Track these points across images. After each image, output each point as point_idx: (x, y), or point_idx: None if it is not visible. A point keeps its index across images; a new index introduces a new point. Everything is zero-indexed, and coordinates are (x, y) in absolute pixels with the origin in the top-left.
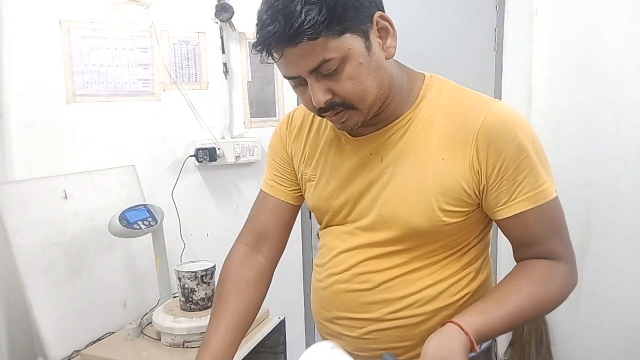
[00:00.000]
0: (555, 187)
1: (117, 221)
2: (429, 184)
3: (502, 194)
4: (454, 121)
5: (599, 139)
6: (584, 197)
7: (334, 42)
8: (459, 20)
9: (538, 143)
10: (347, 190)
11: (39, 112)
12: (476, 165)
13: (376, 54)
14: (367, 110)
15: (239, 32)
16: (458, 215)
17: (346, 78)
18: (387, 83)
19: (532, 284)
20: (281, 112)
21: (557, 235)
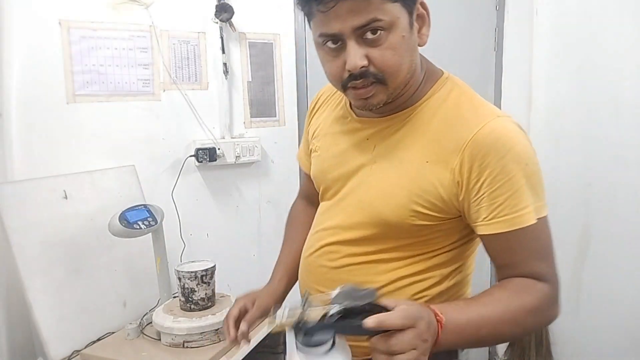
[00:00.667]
0: (542, 211)
1: (117, 221)
2: (408, 182)
3: (482, 210)
4: (449, 127)
5: (599, 139)
6: (584, 197)
7: (389, 5)
8: (459, 20)
9: (533, 165)
10: (341, 168)
11: (39, 112)
12: (457, 176)
13: (414, 36)
14: (393, 89)
15: (239, 32)
16: (430, 218)
17: (388, 47)
18: (414, 69)
19: (511, 295)
20: (281, 112)
21: (539, 258)
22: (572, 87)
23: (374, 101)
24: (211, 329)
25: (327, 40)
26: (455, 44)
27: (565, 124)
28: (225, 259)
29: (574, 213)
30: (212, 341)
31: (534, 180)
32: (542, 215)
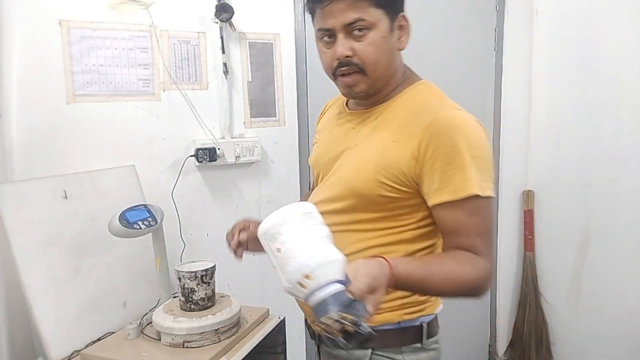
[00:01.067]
0: (487, 191)
1: (117, 221)
2: (376, 158)
3: (434, 182)
4: (415, 115)
5: (599, 139)
6: (584, 197)
7: (373, 10)
8: (459, 20)
9: (481, 150)
10: (331, 153)
11: (39, 112)
12: (416, 153)
13: (394, 39)
14: (373, 80)
15: (239, 32)
16: (394, 191)
17: (369, 43)
18: (394, 68)
19: (454, 262)
20: (281, 112)
21: (479, 234)
22: (572, 87)
23: (357, 89)
24: (211, 329)
25: (324, 35)
26: (455, 44)
27: (565, 124)
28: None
29: (574, 213)
30: (212, 341)
31: (480, 163)
32: (487, 194)
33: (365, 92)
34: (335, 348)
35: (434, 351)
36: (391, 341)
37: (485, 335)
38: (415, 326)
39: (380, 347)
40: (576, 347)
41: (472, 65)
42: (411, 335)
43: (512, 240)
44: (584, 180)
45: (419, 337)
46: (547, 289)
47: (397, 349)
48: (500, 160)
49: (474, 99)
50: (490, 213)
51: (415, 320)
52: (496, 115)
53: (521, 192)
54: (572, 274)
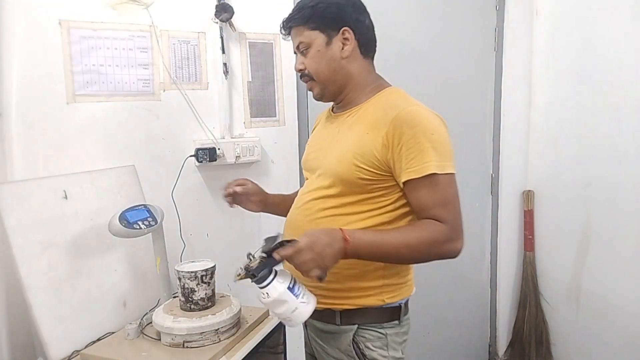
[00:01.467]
0: (447, 169)
1: (117, 221)
2: (353, 147)
3: (402, 164)
4: (383, 111)
5: (599, 138)
6: (584, 197)
7: (308, 32)
8: (459, 20)
9: (438, 136)
10: (319, 150)
11: (39, 112)
12: (385, 141)
13: (333, 50)
14: (323, 85)
15: (239, 32)
16: (369, 173)
17: (310, 57)
18: (342, 74)
19: (410, 227)
20: (281, 112)
21: (440, 204)
22: (572, 87)
23: (314, 92)
24: (211, 329)
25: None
26: (455, 44)
27: (565, 124)
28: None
29: (574, 213)
30: (212, 341)
31: (438, 146)
32: (447, 171)
33: (322, 94)
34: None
35: (407, 326)
36: (375, 318)
37: (485, 335)
38: (396, 307)
39: (367, 323)
40: (576, 347)
41: (472, 65)
42: (391, 315)
43: (512, 240)
44: (584, 180)
45: (398, 316)
46: (547, 289)
47: (380, 325)
48: (500, 160)
49: (474, 99)
50: (452, 187)
51: (395, 302)
52: (496, 115)
53: (521, 192)
54: (572, 274)
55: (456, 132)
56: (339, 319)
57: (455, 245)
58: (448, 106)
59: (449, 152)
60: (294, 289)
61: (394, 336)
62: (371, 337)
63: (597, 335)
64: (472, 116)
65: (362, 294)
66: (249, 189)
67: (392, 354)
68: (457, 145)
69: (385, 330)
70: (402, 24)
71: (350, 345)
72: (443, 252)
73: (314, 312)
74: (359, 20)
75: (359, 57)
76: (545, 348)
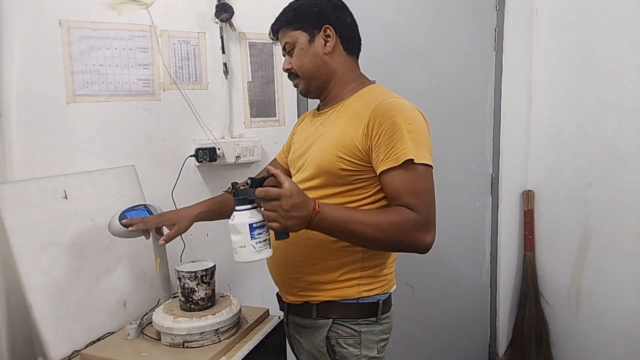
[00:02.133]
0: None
1: (117, 221)
2: (335, 138)
3: (380, 154)
4: (364, 105)
5: (599, 139)
6: (584, 197)
7: (291, 32)
8: (459, 20)
9: (415, 126)
10: (305, 145)
11: (39, 112)
12: (365, 131)
13: (316, 47)
14: (307, 81)
15: (239, 32)
16: (351, 164)
17: (295, 56)
18: (326, 70)
19: (382, 210)
20: (281, 112)
21: (413, 194)
22: (572, 86)
23: (300, 88)
24: (211, 329)
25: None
26: (455, 44)
27: (565, 124)
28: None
29: (574, 213)
30: (212, 341)
31: (415, 136)
32: (423, 161)
33: (307, 90)
34: (302, 318)
35: (387, 324)
36: (351, 313)
37: (485, 335)
38: (372, 303)
39: (341, 317)
40: (576, 347)
41: (472, 65)
42: (368, 311)
43: (512, 240)
44: (584, 180)
45: (375, 312)
46: (547, 289)
47: (354, 321)
48: (500, 160)
49: (474, 99)
50: (426, 177)
51: (372, 297)
52: (496, 115)
53: (521, 192)
54: (572, 274)
55: (456, 132)
56: (315, 312)
57: (425, 237)
58: (448, 106)
59: (426, 143)
60: (255, 230)
61: (369, 334)
62: (344, 334)
63: (597, 335)
64: (472, 116)
65: (339, 286)
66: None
67: (365, 352)
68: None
69: (359, 328)
70: (402, 23)
71: (323, 340)
72: (410, 241)
73: (293, 308)
74: (339, 18)
75: (342, 54)
76: (545, 348)
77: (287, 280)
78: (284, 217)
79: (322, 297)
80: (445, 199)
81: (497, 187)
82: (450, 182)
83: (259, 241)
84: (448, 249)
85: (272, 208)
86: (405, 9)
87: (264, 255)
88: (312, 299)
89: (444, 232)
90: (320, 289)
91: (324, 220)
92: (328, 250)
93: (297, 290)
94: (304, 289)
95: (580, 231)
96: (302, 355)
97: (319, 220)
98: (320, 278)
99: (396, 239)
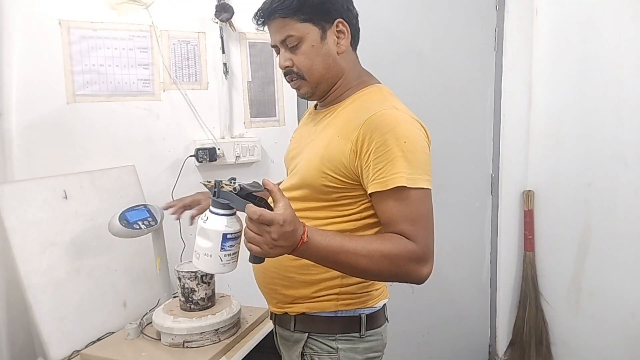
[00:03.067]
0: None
1: (117, 221)
2: (322, 151)
3: (369, 174)
4: (357, 112)
5: (599, 139)
6: (584, 197)
7: (297, 25)
8: (459, 20)
9: (411, 145)
10: (297, 148)
11: (39, 112)
12: (354, 147)
13: (328, 45)
14: (315, 84)
15: (239, 32)
16: (336, 181)
17: (301, 53)
18: (336, 71)
19: (376, 237)
20: (281, 112)
21: (409, 220)
22: (572, 87)
23: (302, 91)
24: (211, 329)
25: (273, 47)
26: (455, 44)
27: (565, 124)
28: None
29: (574, 213)
30: (212, 341)
31: (410, 156)
32: (418, 186)
33: (311, 94)
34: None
35: (374, 342)
36: (326, 328)
37: (485, 335)
38: (353, 317)
39: (316, 332)
40: (576, 347)
41: (472, 65)
42: (348, 325)
43: (512, 240)
44: (584, 180)
45: (357, 328)
46: (547, 289)
47: (331, 336)
48: (500, 160)
49: (474, 99)
50: (424, 202)
51: (352, 311)
52: (496, 115)
53: (521, 192)
54: (572, 274)
55: (456, 132)
56: (293, 325)
57: (422, 269)
58: (448, 106)
59: (423, 163)
60: (228, 242)
61: (349, 352)
62: (319, 350)
63: (597, 335)
64: (472, 116)
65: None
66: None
67: None
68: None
69: (337, 344)
70: (402, 23)
71: (298, 356)
72: (406, 273)
73: (277, 318)
74: (349, 10)
75: (351, 52)
76: (545, 348)
77: (266, 290)
78: (268, 244)
79: (299, 309)
80: (445, 199)
81: (497, 187)
82: (450, 182)
83: (228, 254)
84: (448, 249)
85: (259, 232)
86: (406, 9)
87: (228, 269)
88: (290, 311)
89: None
90: (296, 302)
91: (311, 249)
92: (305, 265)
93: (276, 301)
94: (281, 301)
95: (580, 231)
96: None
97: (305, 250)
98: (295, 293)
99: (390, 272)
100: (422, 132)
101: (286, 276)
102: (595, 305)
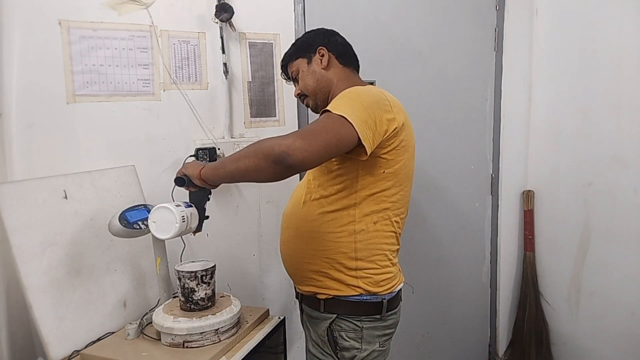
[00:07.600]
0: (340, 110)
1: (117, 221)
2: None
3: None
4: None
5: (599, 139)
6: (584, 197)
7: (294, 62)
8: (459, 20)
9: (348, 93)
10: None
11: (39, 112)
12: None
13: (314, 66)
14: (314, 96)
15: (239, 32)
16: None
17: (301, 79)
18: (325, 82)
19: None
20: (281, 112)
21: (309, 126)
22: (572, 87)
23: (310, 106)
24: (211, 329)
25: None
26: (455, 44)
27: (565, 124)
28: (225, 259)
29: (574, 213)
30: (212, 341)
31: (347, 98)
32: (338, 112)
33: (315, 104)
34: (312, 310)
35: (392, 320)
36: (354, 311)
37: (485, 335)
38: (376, 302)
39: (344, 313)
40: (576, 347)
41: (472, 65)
42: (372, 309)
43: (512, 240)
44: (584, 180)
45: (379, 311)
46: (547, 289)
47: (357, 317)
48: (500, 160)
49: (474, 99)
50: (326, 120)
51: (376, 296)
52: (496, 115)
53: (521, 192)
54: (572, 274)
55: (456, 132)
56: (322, 307)
57: (283, 140)
58: (448, 106)
59: (356, 103)
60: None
61: (371, 330)
62: (346, 328)
63: (597, 335)
64: (472, 116)
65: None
66: None
67: (365, 346)
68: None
69: (362, 324)
70: (402, 24)
71: (325, 330)
72: (267, 147)
73: (305, 298)
74: (331, 40)
75: (339, 66)
76: (545, 348)
77: (295, 271)
78: (188, 169)
79: (328, 294)
80: (445, 199)
81: (497, 187)
82: (450, 182)
83: (185, 212)
84: (448, 249)
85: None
86: (405, 9)
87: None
88: (319, 294)
89: (444, 232)
90: (324, 286)
91: (208, 169)
92: (323, 240)
93: (306, 280)
94: (310, 280)
95: (580, 231)
96: (309, 343)
97: (205, 171)
98: (320, 268)
99: (260, 154)
100: (381, 95)
101: (310, 254)
102: (595, 306)
